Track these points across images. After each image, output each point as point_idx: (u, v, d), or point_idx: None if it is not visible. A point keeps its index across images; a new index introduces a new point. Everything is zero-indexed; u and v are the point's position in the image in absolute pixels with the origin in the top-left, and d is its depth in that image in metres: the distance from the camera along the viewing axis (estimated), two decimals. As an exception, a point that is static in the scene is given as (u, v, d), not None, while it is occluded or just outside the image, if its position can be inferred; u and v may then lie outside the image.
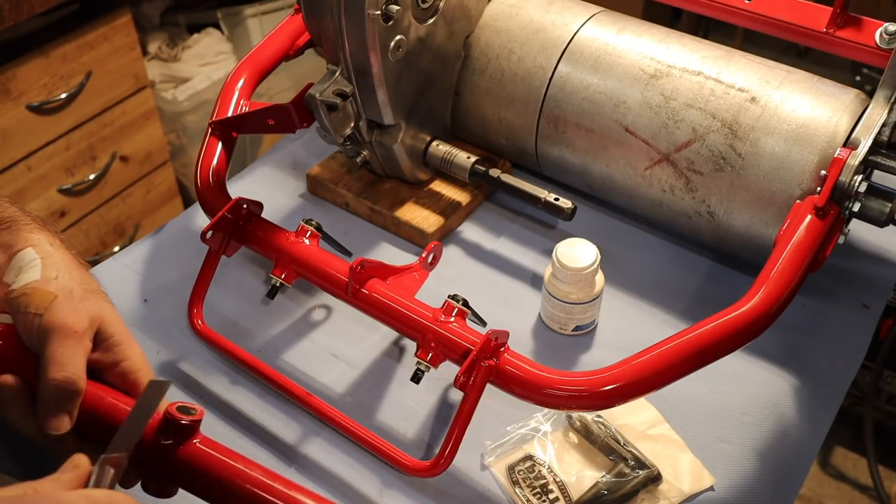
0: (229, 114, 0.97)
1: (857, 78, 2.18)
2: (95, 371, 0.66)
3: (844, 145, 0.85)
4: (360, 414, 0.84)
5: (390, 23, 0.89)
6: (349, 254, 0.96)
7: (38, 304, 0.63)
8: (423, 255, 0.88)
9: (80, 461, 0.56)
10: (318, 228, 0.88)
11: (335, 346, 0.91)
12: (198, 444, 0.63)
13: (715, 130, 0.90)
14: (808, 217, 0.82)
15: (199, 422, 0.63)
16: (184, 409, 0.62)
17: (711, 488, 0.79)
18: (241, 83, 1.01)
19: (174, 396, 0.85)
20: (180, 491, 0.63)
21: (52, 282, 0.65)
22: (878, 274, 1.00)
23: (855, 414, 1.88)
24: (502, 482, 0.79)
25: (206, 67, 2.06)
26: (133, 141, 1.85)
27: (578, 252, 0.88)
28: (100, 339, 0.65)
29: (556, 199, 0.95)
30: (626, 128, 0.95)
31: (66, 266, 0.67)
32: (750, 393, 0.86)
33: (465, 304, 0.79)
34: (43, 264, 0.66)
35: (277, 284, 0.86)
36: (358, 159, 1.01)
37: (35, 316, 0.63)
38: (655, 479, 0.78)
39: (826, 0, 0.97)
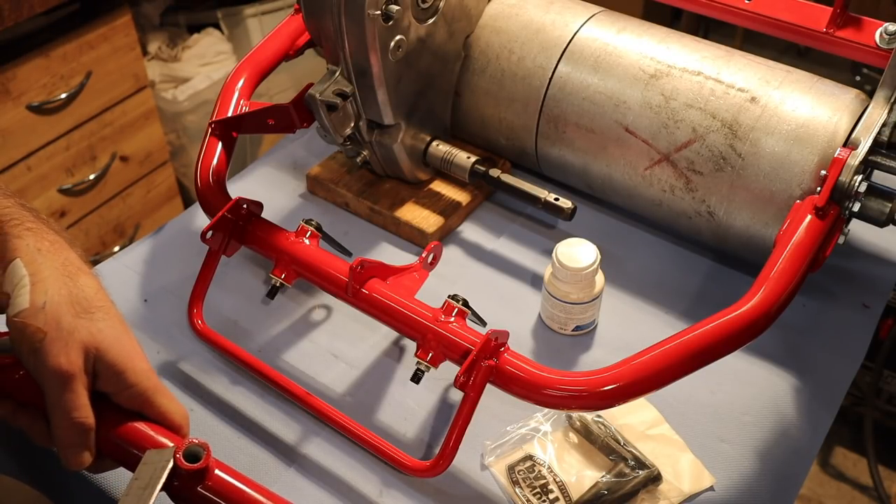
0: (229, 114, 0.97)
1: (857, 78, 2.18)
2: (101, 394, 0.64)
3: (844, 145, 0.85)
4: (360, 414, 0.84)
5: (390, 23, 0.89)
6: (349, 254, 0.96)
7: (28, 344, 0.61)
8: (423, 255, 0.88)
9: None
10: (318, 228, 0.88)
11: (335, 346, 0.91)
12: (207, 487, 0.61)
13: (715, 130, 0.90)
14: (808, 217, 0.82)
15: (206, 467, 0.61)
16: (191, 454, 0.61)
17: (711, 488, 0.79)
18: (241, 83, 1.01)
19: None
20: None
21: (39, 313, 0.61)
22: (878, 274, 1.00)
23: (855, 414, 1.88)
24: (502, 482, 0.79)
25: (206, 67, 2.06)
26: (133, 141, 1.85)
27: (578, 252, 0.88)
28: (99, 369, 0.63)
29: (556, 199, 0.95)
30: (626, 128, 0.95)
31: (55, 281, 0.63)
32: (750, 393, 0.86)
33: (465, 304, 0.79)
34: (31, 283, 0.62)
35: (277, 284, 0.86)
36: (358, 159, 1.01)
37: (28, 355, 0.61)
38: (655, 479, 0.78)
39: (826, 0, 0.97)
